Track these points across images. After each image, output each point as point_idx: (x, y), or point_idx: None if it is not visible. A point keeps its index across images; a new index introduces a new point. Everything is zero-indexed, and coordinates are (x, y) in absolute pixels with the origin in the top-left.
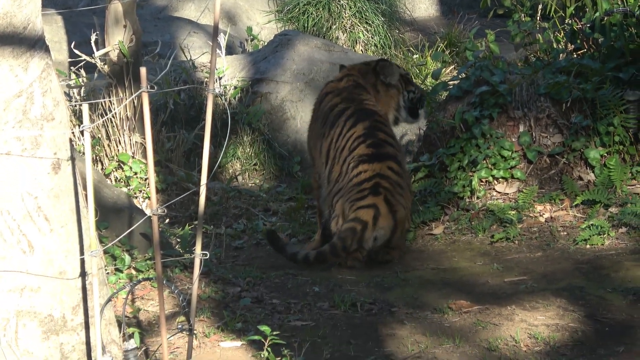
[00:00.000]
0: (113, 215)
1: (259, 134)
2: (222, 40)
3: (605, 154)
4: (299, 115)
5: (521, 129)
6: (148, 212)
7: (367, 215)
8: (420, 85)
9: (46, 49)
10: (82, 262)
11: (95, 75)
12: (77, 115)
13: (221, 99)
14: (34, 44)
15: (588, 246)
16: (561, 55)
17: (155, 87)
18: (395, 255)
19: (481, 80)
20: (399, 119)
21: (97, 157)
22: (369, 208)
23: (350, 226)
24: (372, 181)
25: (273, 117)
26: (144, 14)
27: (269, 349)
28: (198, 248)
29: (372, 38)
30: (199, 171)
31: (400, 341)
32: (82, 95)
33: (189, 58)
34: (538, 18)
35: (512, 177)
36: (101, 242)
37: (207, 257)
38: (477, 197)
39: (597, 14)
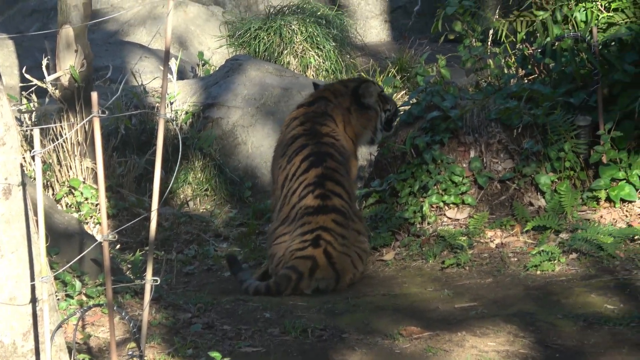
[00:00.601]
0: (64, 241)
1: (210, 159)
2: (174, 65)
3: (556, 180)
4: (250, 141)
5: (472, 154)
6: (99, 237)
7: (304, 266)
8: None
9: None
10: (33, 288)
11: (47, 100)
12: (29, 140)
13: (172, 124)
14: None
15: (539, 272)
16: (512, 80)
17: (107, 112)
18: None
19: (432, 106)
20: (374, 140)
21: (48, 183)
22: (307, 259)
23: (286, 273)
24: (314, 233)
25: (224, 143)
26: (96, 39)
27: None
28: (149, 274)
29: (323, 63)
30: (150, 196)
31: None
32: (33, 120)
33: (140, 83)
34: (489, 43)
35: (463, 202)
36: (52, 268)
37: (158, 283)
38: (428, 223)
39: (548, 39)
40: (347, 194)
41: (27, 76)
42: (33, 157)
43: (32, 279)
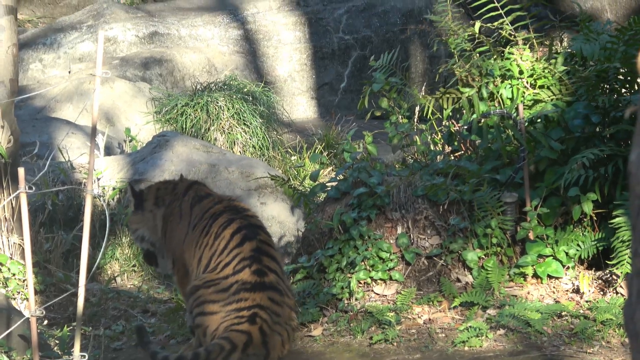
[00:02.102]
0: None
1: None
2: (101, 141)
3: (483, 256)
4: None
5: (399, 230)
6: (26, 313)
7: (239, 339)
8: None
9: None
10: None
11: None
12: None
13: (100, 200)
14: None
15: (466, 348)
16: (439, 157)
17: (34, 188)
18: None
19: (359, 182)
20: None
21: None
22: (243, 334)
23: (219, 342)
24: (250, 311)
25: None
26: (22, 115)
27: None
28: (76, 349)
29: (250, 139)
30: (78, 272)
31: None
32: None
33: (67, 159)
34: (415, 120)
35: (391, 278)
36: None
37: (86, 358)
38: (356, 299)
39: (474, 116)
40: (280, 269)
41: None
42: None
43: None
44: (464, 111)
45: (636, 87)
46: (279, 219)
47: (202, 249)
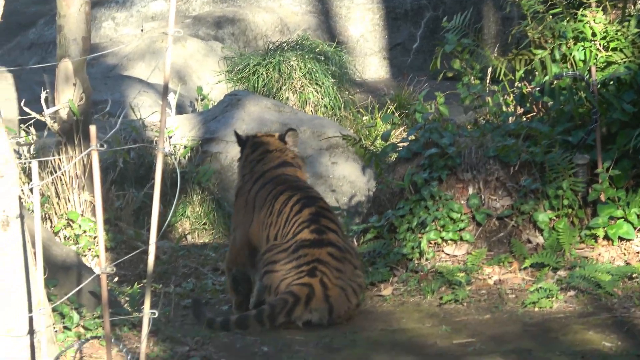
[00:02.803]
0: (62, 273)
1: (209, 193)
2: (172, 99)
3: (554, 217)
4: None
5: (470, 191)
6: (97, 270)
7: (301, 291)
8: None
9: None
10: (31, 319)
11: (45, 133)
12: (27, 173)
13: (171, 158)
14: None
15: (536, 309)
16: (510, 118)
17: (105, 146)
18: None
19: (430, 143)
20: None
21: (47, 215)
22: (304, 286)
23: (282, 297)
24: (310, 265)
25: (223, 177)
26: (94, 73)
27: None
28: (146, 307)
29: (322, 99)
30: (148, 230)
31: None
32: (31, 153)
33: (138, 117)
34: (488, 81)
35: (461, 239)
36: (50, 299)
37: (156, 315)
38: (426, 259)
39: (547, 77)
40: (340, 230)
41: (26, 109)
42: (31, 190)
43: (30, 310)
44: (537, 73)
45: None
46: (350, 178)
47: (271, 228)
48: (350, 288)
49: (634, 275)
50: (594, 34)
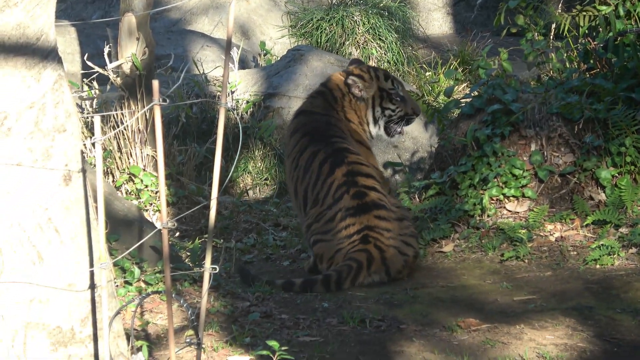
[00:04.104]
0: (123, 227)
1: (271, 149)
2: (235, 54)
3: (617, 175)
4: None
5: (533, 148)
6: (158, 225)
7: (361, 256)
8: (414, 101)
9: (59, 61)
10: (92, 274)
11: (108, 87)
12: (89, 127)
13: (233, 113)
14: (47, 55)
15: (598, 266)
16: (574, 74)
17: (168, 100)
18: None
19: (493, 99)
20: (371, 135)
21: (108, 170)
22: (362, 252)
23: (347, 263)
24: (361, 234)
25: (285, 132)
26: (157, 27)
27: None
28: (208, 262)
29: (385, 54)
30: (210, 185)
31: (408, 358)
32: (94, 107)
33: (201, 72)
34: (551, 37)
35: (523, 195)
36: (111, 254)
37: (217, 271)
38: (488, 216)
39: (611, 34)
40: (378, 183)
41: (89, 63)
42: (93, 144)
43: (91, 265)
44: (600, 29)
45: None
46: (412, 134)
47: (299, 183)
48: (403, 243)
49: None
50: None
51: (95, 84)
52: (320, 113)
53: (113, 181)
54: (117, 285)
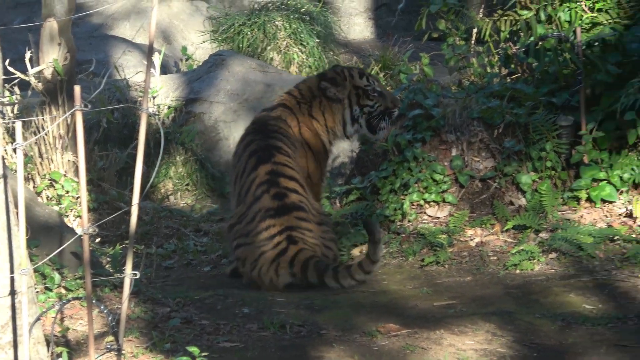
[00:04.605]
0: (44, 233)
1: (192, 154)
2: (157, 59)
3: (537, 179)
4: (232, 136)
5: (453, 152)
6: (79, 231)
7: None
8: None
9: None
10: (12, 280)
11: (29, 92)
12: (10, 133)
13: (155, 118)
14: None
15: (518, 271)
16: (495, 79)
17: (89, 106)
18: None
19: (415, 104)
20: (341, 135)
21: (29, 175)
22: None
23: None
24: (284, 234)
25: (206, 137)
26: (79, 32)
27: None
28: (128, 268)
29: (306, 59)
30: (131, 190)
31: None
32: (15, 112)
33: (123, 77)
34: (472, 42)
35: (444, 201)
36: (31, 260)
37: (137, 277)
38: (409, 221)
39: (532, 38)
40: (301, 187)
41: (10, 69)
42: (15, 150)
43: (12, 271)
44: (522, 34)
45: None
46: None
47: (233, 169)
48: (324, 246)
49: (615, 238)
50: None
51: (16, 89)
52: (278, 112)
53: (34, 187)
54: (37, 291)
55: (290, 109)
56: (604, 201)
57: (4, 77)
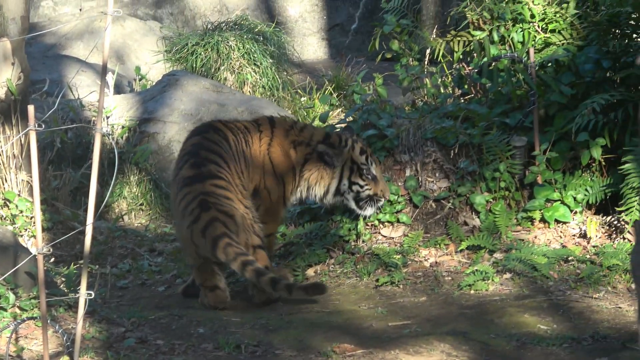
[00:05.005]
0: None
1: (146, 174)
2: (111, 79)
3: (491, 200)
4: None
5: (408, 173)
6: (33, 250)
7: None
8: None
9: None
10: None
11: None
12: None
13: (108, 138)
14: None
15: (472, 291)
16: (448, 100)
17: (43, 126)
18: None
19: (368, 124)
20: (315, 198)
21: None
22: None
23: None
24: (197, 199)
25: (160, 157)
26: (33, 52)
27: None
28: (83, 287)
29: (260, 80)
30: (86, 210)
31: None
32: None
33: (77, 96)
34: (426, 62)
35: (398, 221)
36: None
37: (92, 296)
38: (363, 241)
39: (485, 59)
40: (224, 162)
41: None
42: None
43: None
44: (475, 54)
45: None
46: None
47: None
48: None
49: (569, 258)
50: (532, 16)
51: None
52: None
53: None
54: None
55: (271, 131)
56: (557, 222)
57: None
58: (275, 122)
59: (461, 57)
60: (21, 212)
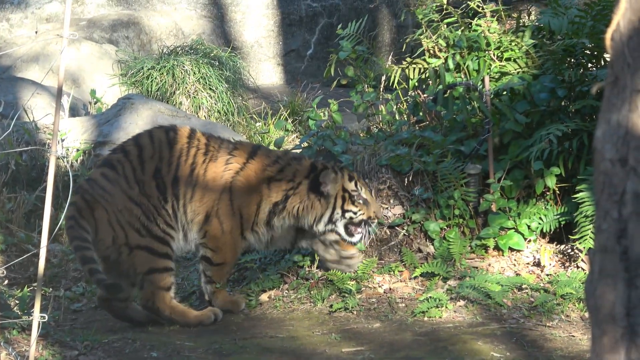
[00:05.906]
0: None
1: None
2: (66, 102)
3: (445, 227)
4: None
5: None
6: None
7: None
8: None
9: None
10: None
11: None
12: None
13: (63, 161)
14: None
15: (426, 318)
16: (403, 127)
17: None
18: None
19: (323, 150)
20: (304, 226)
21: None
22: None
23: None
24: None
25: None
26: None
27: None
28: (36, 310)
29: (215, 104)
30: (40, 233)
31: None
32: None
33: (32, 119)
34: (381, 89)
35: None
36: None
37: (46, 319)
38: (317, 267)
39: (440, 86)
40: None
41: None
42: None
43: None
44: (430, 82)
45: (603, 63)
46: None
47: None
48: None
49: (523, 286)
50: (488, 44)
51: None
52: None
53: None
54: None
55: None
56: (511, 250)
57: None
58: (257, 154)
59: (416, 84)
60: None
